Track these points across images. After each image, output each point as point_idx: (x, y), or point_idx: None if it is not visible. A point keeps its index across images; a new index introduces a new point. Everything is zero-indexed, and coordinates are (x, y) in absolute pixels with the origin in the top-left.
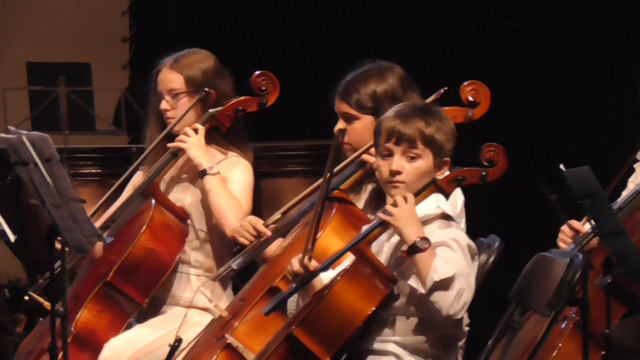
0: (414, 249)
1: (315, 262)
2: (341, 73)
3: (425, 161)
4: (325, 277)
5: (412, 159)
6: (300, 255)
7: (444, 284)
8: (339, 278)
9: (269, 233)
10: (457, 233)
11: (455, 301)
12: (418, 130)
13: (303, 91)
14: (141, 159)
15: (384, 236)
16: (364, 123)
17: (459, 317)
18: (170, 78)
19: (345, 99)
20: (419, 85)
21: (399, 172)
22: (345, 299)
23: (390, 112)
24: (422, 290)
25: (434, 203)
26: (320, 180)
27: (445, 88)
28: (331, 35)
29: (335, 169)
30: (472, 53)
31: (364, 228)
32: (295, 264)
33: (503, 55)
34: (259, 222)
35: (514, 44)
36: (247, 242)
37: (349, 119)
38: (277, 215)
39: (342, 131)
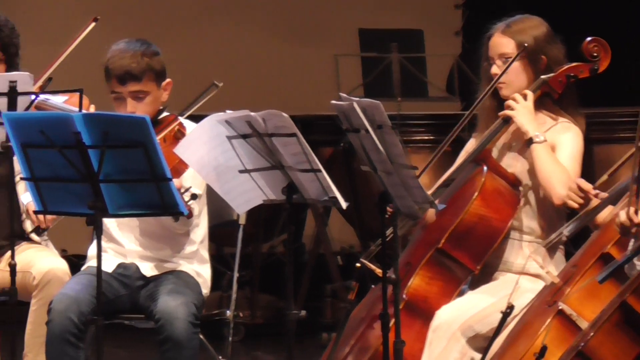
0: None
1: None
2: None
3: None
4: None
5: None
6: (628, 208)
7: None
8: None
9: (593, 192)
10: None
11: None
12: None
13: (635, 56)
14: (461, 123)
15: None
16: None
17: None
18: (502, 42)
19: None
20: None
21: None
22: None
23: None
24: None
25: None
26: None
27: None
28: None
29: None
30: None
31: None
32: (622, 215)
33: None
34: (585, 184)
35: None
36: (575, 205)
37: None
38: (604, 177)
39: None
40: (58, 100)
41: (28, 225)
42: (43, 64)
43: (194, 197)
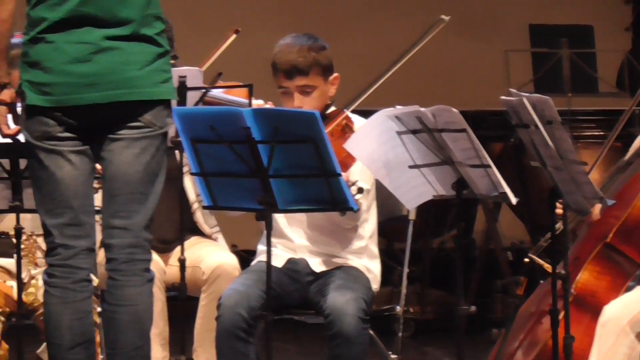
0: None
1: None
2: None
3: None
4: None
5: None
6: None
7: None
8: None
9: None
10: None
11: None
12: None
13: None
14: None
15: None
16: None
17: None
18: None
19: None
20: None
21: None
22: None
23: None
24: None
25: None
26: None
27: None
28: None
29: None
30: None
31: None
32: None
33: None
34: None
35: None
36: None
37: None
38: None
39: None
40: (217, 91)
41: (198, 217)
42: (200, 56)
43: (360, 191)
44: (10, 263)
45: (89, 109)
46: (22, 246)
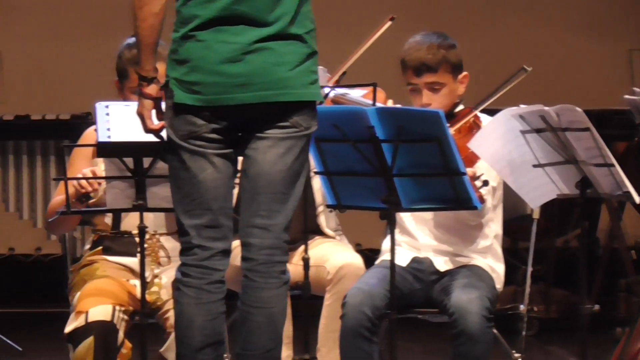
0: None
1: None
2: None
3: None
4: None
5: None
6: None
7: None
8: None
9: None
10: None
11: None
12: None
13: None
14: None
15: None
16: None
17: None
18: None
19: None
20: None
21: None
22: None
23: None
24: None
25: None
26: None
27: None
28: None
29: None
30: None
31: None
32: None
33: None
34: None
35: None
36: None
37: None
38: None
39: None
40: (356, 94)
41: (321, 220)
42: (337, 58)
43: (485, 183)
44: (133, 262)
45: (238, 109)
46: (145, 245)
